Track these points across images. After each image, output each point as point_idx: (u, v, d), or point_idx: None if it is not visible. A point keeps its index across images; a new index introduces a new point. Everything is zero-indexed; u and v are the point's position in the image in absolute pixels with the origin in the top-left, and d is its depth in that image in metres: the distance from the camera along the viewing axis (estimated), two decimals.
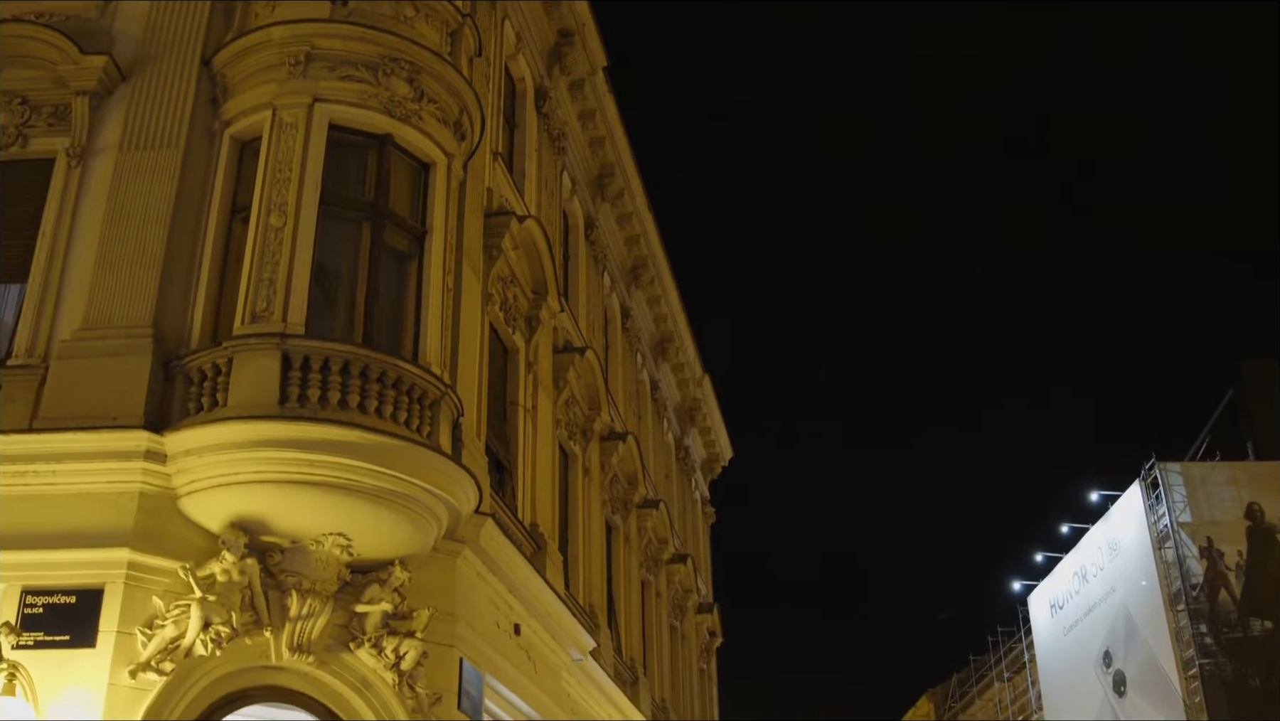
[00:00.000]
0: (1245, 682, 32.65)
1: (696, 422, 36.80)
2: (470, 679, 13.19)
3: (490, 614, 14.35)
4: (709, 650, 36.11)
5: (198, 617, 11.04)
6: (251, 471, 11.28)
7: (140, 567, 11.15)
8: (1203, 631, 33.26)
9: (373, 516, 11.77)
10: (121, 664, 10.84)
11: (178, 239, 12.60)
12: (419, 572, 12.45)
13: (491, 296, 16.37)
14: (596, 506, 22.19)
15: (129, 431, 11.45)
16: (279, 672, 11.75)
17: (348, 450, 11.41)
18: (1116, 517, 37.87)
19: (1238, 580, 33.75)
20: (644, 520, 26.65)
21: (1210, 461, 36.12)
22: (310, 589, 11.63)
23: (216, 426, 11.33)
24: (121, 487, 11.38)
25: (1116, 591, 37.68)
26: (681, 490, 34.63)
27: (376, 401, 11.77)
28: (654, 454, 29.85)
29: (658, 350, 32.04)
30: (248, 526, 11.42)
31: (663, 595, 28.91)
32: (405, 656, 12.13)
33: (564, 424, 20.16)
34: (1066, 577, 42.12)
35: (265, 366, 11.49)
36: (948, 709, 63.49)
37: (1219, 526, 34.44)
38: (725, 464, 41.00)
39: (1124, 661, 37.22)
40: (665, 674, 28.18)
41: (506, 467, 16.73)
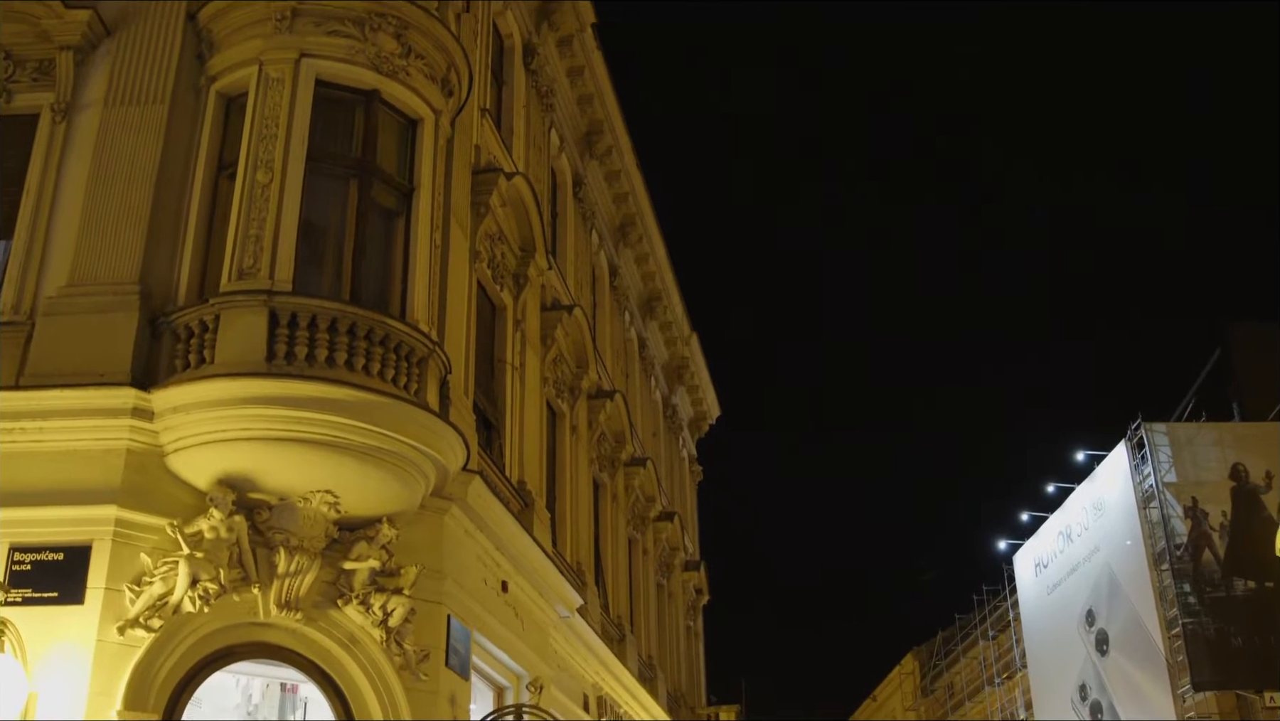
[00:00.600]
0: (1228, 641, 32.86)
1: (684, 381, 36.86)
2: (458, 635, 13.24)
3: (478, 571, 14.40)
4: (695, 607, 36.30)
5: (185, 574, 11.05)
6: (239, 429, 11.26)
7: (128, 525, 11.16)
8: (1186, 591, 33.44)
9: (360, 474, 11.78)
10: (110, 620, 10.86)
11: (164, 195, 12.53)
12: (407, 530, 12.48)
13: (479, 254, 16.33)
14: (584, 464, 22.23)
15: (116, 389, 11.42)
16: (267, 629, 11.78)
17: (335, 407, 11.39)
18: (1102, 477, 38.00)
19: (1222, 540, 33.91)
20: (631, 478, 26.72)
21: (1196, 422, 36.22)
22: (298, 546, 11.65)
23: (204, 384, 11.30)
24: (109, 445, 11.37)
25: (1100, 551, 37.86)
26: (669, 448, 34.72)
27: (364, 359, 11.74)
28: (641, 412, 29.90)
29: (645, 308, 32.04)
30: (235, 483, 11.42)
31: (650, 552, 29.02)
32: (393, 613, 12.16)
33: (552, 382, 20.17)
34: (1051, 537, 42.30)
35: (252, 323, 11.46)
36: (932, 666, 63.93)
37: (1204, 487, 34.58)
38: (713, 422, 41.10)
39: (1107, 620, 37.44)
40: (652, 631, 28.34)
41: (494, 425, 16.74)
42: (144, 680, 10.79)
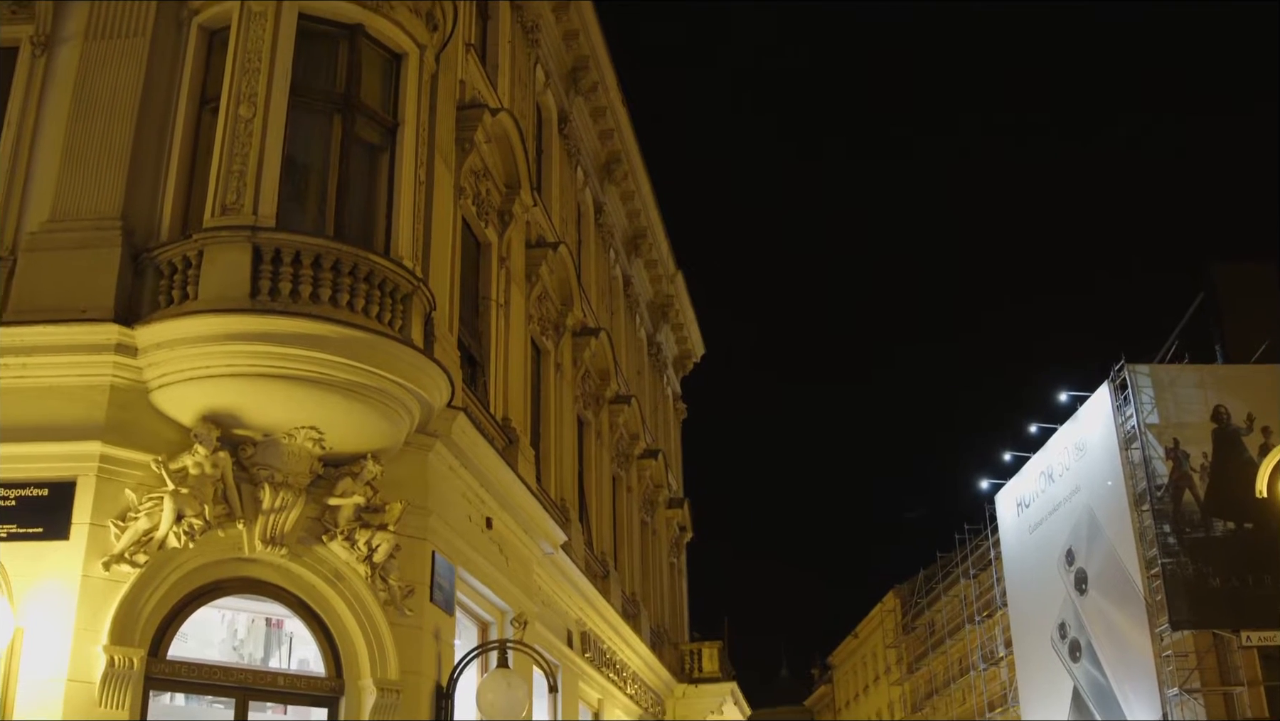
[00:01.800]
0: (1206, 582, 33.15)
1: (669, 319, 36.86)
2: (442, 571, 13.30)
3: (462, 507, 14.45)
4: (679, 544, 36.50)
5: (170, 510, 11.07)
6: (223, 365, 11.24)
7: (112, 460, 11.16)
8: (1166, 531, 33.69)
9: (345, 410, 11.77)
10: (95, 556, 10.89)
11: (146, 130, 12.42)
12: (391, 466, 12.50)
13: (464, 190, 16.26)
14: (568, 401, 22.27)
15: (99, 325, 11.38)
16: (252, 564, 11.83)
17: (319, 344, 11.37)
18: (1084, 418, 38.16)
19: (1202, 481, 34.12)
20: (616, 415, 26.79)
21: (1179, 364, 36.34)
22: (283, 482, 11.67)
23: (187, 320, 11.26)
24: (92, 381, 11.35)
25: (1082, 491, 38.09)
26: (653, 386, 34.78)
27: (348, 295, 11.70)
28: (626, 350, 29.92)
29: (630, 246, 31.98)
30: (220, 419, 11.41)
31: (634, 490, 29.14)
32: (377, 549, 12.21)
33: (536, 319, 20.16)
34: (1033, 477, 42.52)
35: (236, 259, 11.40)
36: (914, 604, 64.46)
37: (1185, 428, 34.75)
38: (697, 360, 41.15)
39: (1086, 560, 37.73)
40: (635, 568, 28.51)
41: (478, 362, 16.74)
42: (130, 614, 10.84)
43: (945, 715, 57.57)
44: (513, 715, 13.25)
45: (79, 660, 10.56)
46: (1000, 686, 48.81)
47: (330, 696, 12.10)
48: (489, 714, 13.19)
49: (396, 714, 12.09)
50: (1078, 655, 38.31)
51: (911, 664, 65.03)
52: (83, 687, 10.51)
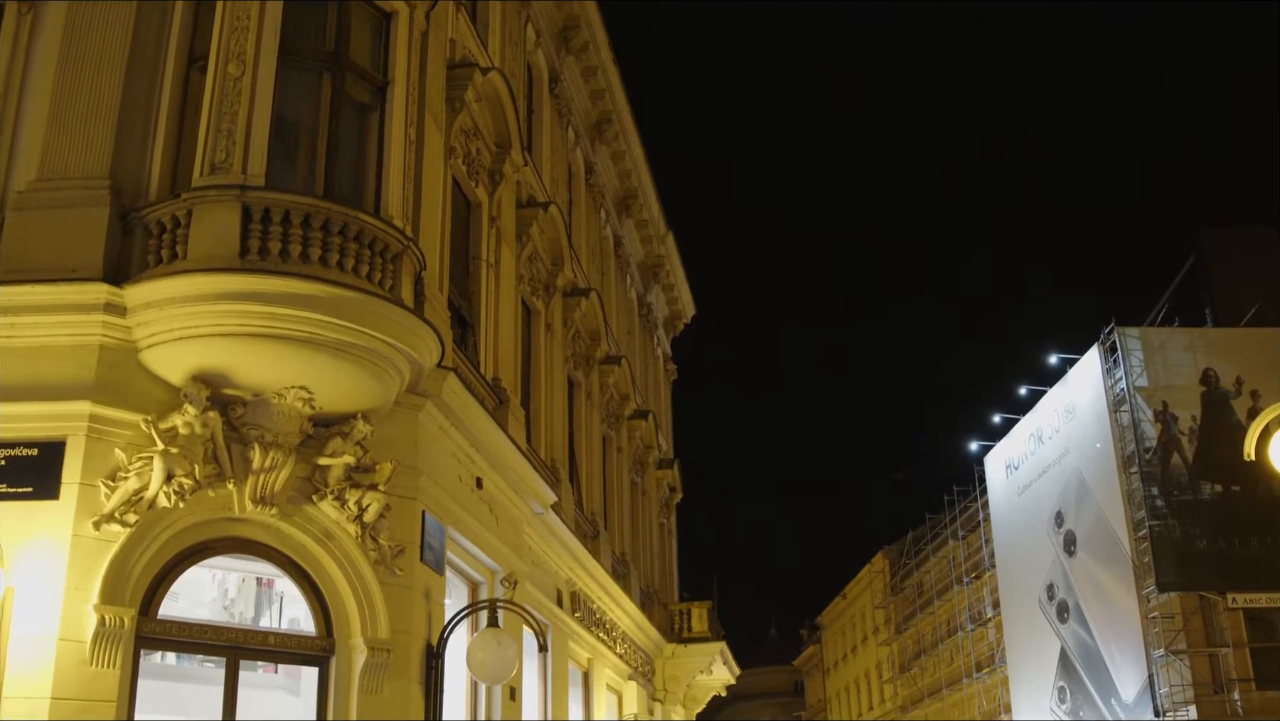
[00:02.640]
0: (1193, 544, 33.38)
1: (660, 279, 36.81)
2: (432, 531, 13.32)
3: (452, 467, 14.45)
4: (669, 505, 36.59)
5: (160, 470, 11.06)
6: (212, 324, 11.21)
7: (101, 420, 11.14)
8: (1154, 494, 33.88)
9: (334, 370, 11.75)
10: (85, 515, 10.89)
11: (134, 88, 12.31)
12: (381, 426, 12.50)
13: (454, 150, 16.19)
14: (559, 362, 22.26)
15: (88, 284, 11.32)
16: (242, 524, 11.83)
17: (309, 303, 11.33)
18: (1074, 381, 38.29)
19: (1190, 444, 34.30)
20: (606, 376, 26.79)
21: (1168, 327, 36.46)
22: (273, 441, 11.65)
23: (176, 279, 11.22)
24: (81, 340, 11.31)
25: (1071, 453, 38.26)
26: (644, 346, 34.77)
27: (338, 255, 11.65)
28: (616, 310, 29.89)
29: (621, 206, 31.90)
30: (209, 379, 11.39)
31: (624, 450, 29.18)
32: (368, 509, 12.22)
33: (527, 279, 20.12)
34: (1022, 439, 42.69)
35: (225, 219, 11.35)
36: (902, 565, 64.77)
37: (1174, 391, 34.90)
38: (688, 321, 41.12)
39: (1075, 521, 37.94)
40: (625, 528, 28.58)
41: (469, 322, 16.71)
42: (120, 574, 10.84)
43: (933, 675, 57.95)
44: (502, 674, 13.32)
45: (70, 619, 10.57)
46: (988, 647, 49.17)
47: (321, 655, 12.14)
48: (479, 673, 13.24)
49: (387, 673, 12.13)
50: (1065, 616, 38.58)
51: (900, 624, 65.41)
52: (74, 646, 10.53)
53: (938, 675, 57.14)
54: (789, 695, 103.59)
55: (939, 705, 56.91)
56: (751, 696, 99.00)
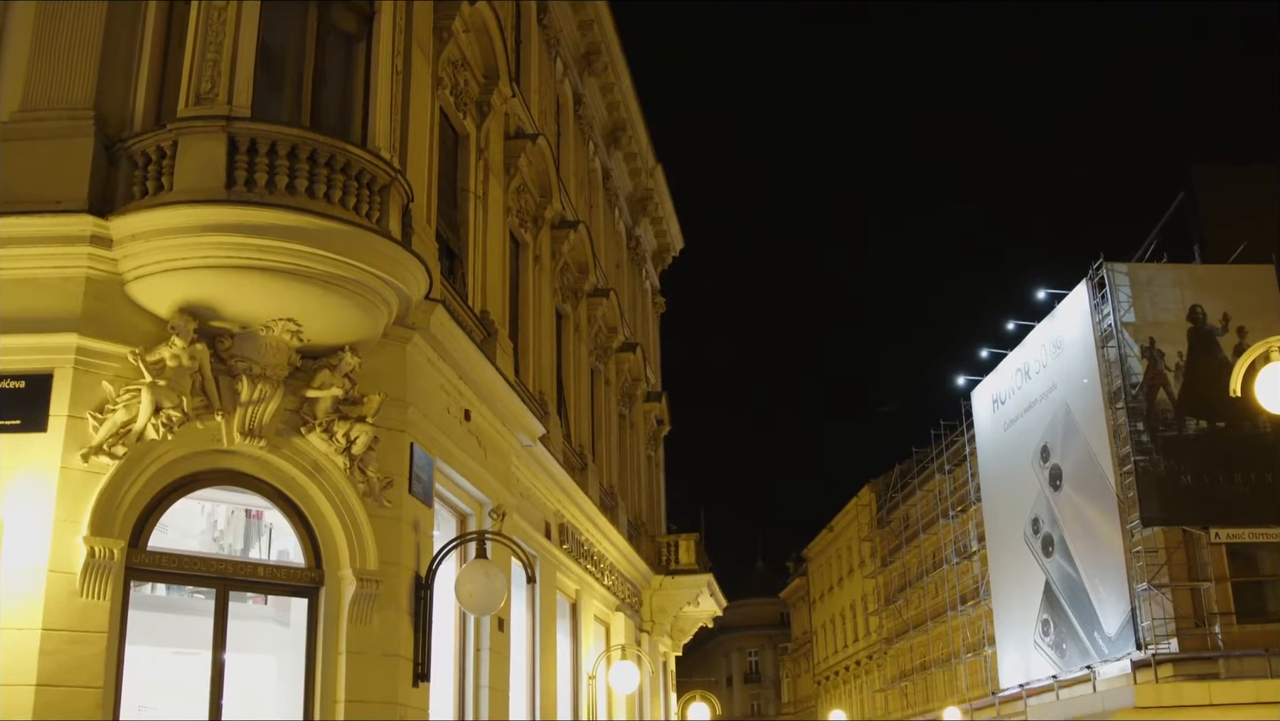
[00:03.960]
0: (1177, 479, 33.60)
1: (648, 212, 36.69)
2: (421, 463, 13.35)
3: (440, 399, 14.46)
4: (656, 438, 36.68)
5: (148, 402, 11.05)
6: (199, 256, 11.15)
7: (89, 353, 11.11)
8: (1139, 429, 34.05)
9: (322, 302, 11.72)
10: (73, 447, 10.89)
11: (118, 17, 12.13)
12: (369, 358, 12.49)
13: (442, 80, 16.06)
14: (547, 294, 22.22)
15: (73, 216, 11.24)
16: (231, 456, 11.85)
17: (296, 235, 11.28)
18: (1062, 316, 38.34)
19: (1176, 380, 34.44)
20: (594, 309, 26.76)
21: (1157, 263, 36.48)
22: (261, 374, 11.64)
23: (162, 211, 11.15)
24: (68, 273, 11.25)
25: (1058, 388, 38.38)
26: (632, 279, 34.72)
27: (325, 186, 11.59)
28: (605, 243, 29.82)
29: (610, 139, 31.72)
30: (197, 311, 11.35)
31: (612, 383, 29.21)
32: (356, 441, 12.24)
33: (515, 211, 20.04)
34: (1010, 374, 42.80)
35: (211, 150, 11.26)
36: (888, 499, 65.14)
37: (1161, 327, 34.99)
38: (676, 254, 41.04)
39: (1061, 456, 38.13)
40: (613, 460, 28.67)
41: (457, 254, 16.66)
42: (109, 506, 10.87)
43: (918, 607, 58.46)
44: (491, 605, 13.39)
45: (59, 551, 10.61)
46: (973, 580, 49.57)
47: (310, 586, 12.21)
48: (468, 604, 13.31)
49: (376, 604, 12.20)
50: (1050, 550, 38.87)
51: (885, 557, 65.89)
52: (64, 578, 10.57)
53: (923, 607, 57.65)
54: (775, 627, 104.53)
55: (923, 637, 57.45)
56: (738, 628, 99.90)
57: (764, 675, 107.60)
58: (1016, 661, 42.06)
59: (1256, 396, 10.84)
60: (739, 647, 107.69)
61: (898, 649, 63.52)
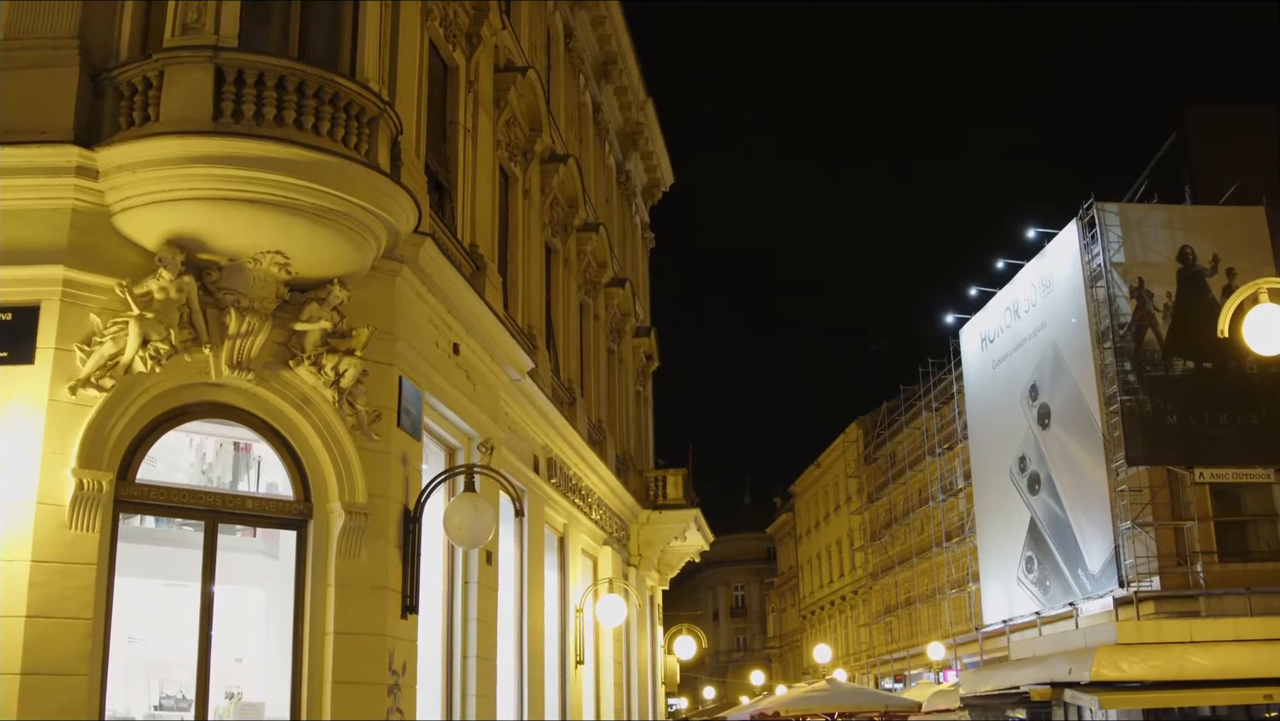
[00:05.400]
0: (1163, 419, 33.73)
1: (639, 147, 36.51)
2: (409, 397, 13.36)
3: (429, 333, 14.44)
4: (645, 373, 36.72)
5: (136, 334, 11.02)
6: (186, 188, 11.07)
7: (76, 285, 11.06)
8: (1127, 369, 34.13)
9: (310, 234, 11.66)
10: (61, 380, 10.87)
11: None
12: (358, 292, 12.45)
13: (431, 11, 15.90)
14: (536, 229, 22.15)
15: (58, 146, 11.14)
16: (219, 389, 11.84)
17: (284, 167, 11.20)
18: (1051, 255, 38.30)
19: (1164, 321, 34.48)
20: (583, 243, 26.69)
21: (1147, 204, 36.40)
22: (249, 307, 11.60)
23: (149, 142, 11.05)
24: (54, 204, 11.16)
25: (1047, 327, 38.41)
26: (621, 214, 34.61)
27: (313, 118, 11.50)
28: (595, 177, 29.69)
29: (600, 72, 31.48)
30: (184, 244, 11.29)
31: (600, 318, 29.19)
32: (345, 374, 12.22)
33: (504, 145, 19.93)
34: (999, 312, 42.79)
35: (198, 80, 11.15)
36: (876, 435, 65.40)
37: (1151, 268, 34.98)
38: (666, 189, 40.88)
39: (1049, 395, 38.23)
40: (602, 395, 28.70)
41: (446, 188, 16.58)
42: (97, 438, 10.87)
43: (903, 544, 58.88)
44: (479, 538, 13.46)
45: (48, 483, 10.62)
46: (958, 517, 49.90)
47: (299, 519, 12.25)
48: (456, 537, 13.38)
49: (365, 536, 12.25)
50: (1036, 488, 39.08)
51: (872, 494, 66.27)
52: (52, 510, 10.59)
53: (908, 544, 58.06)
54: (761, 561, 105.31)
55: (908, 573, 57.91)
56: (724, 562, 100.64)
57: (750, 609, 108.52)
58: (1000, 597, 42.40)
59: (1244, 338, 10.87)
60: (725, 582, 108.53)
61: (883, 584, 64.02)
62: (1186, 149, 37.86)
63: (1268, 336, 10.72)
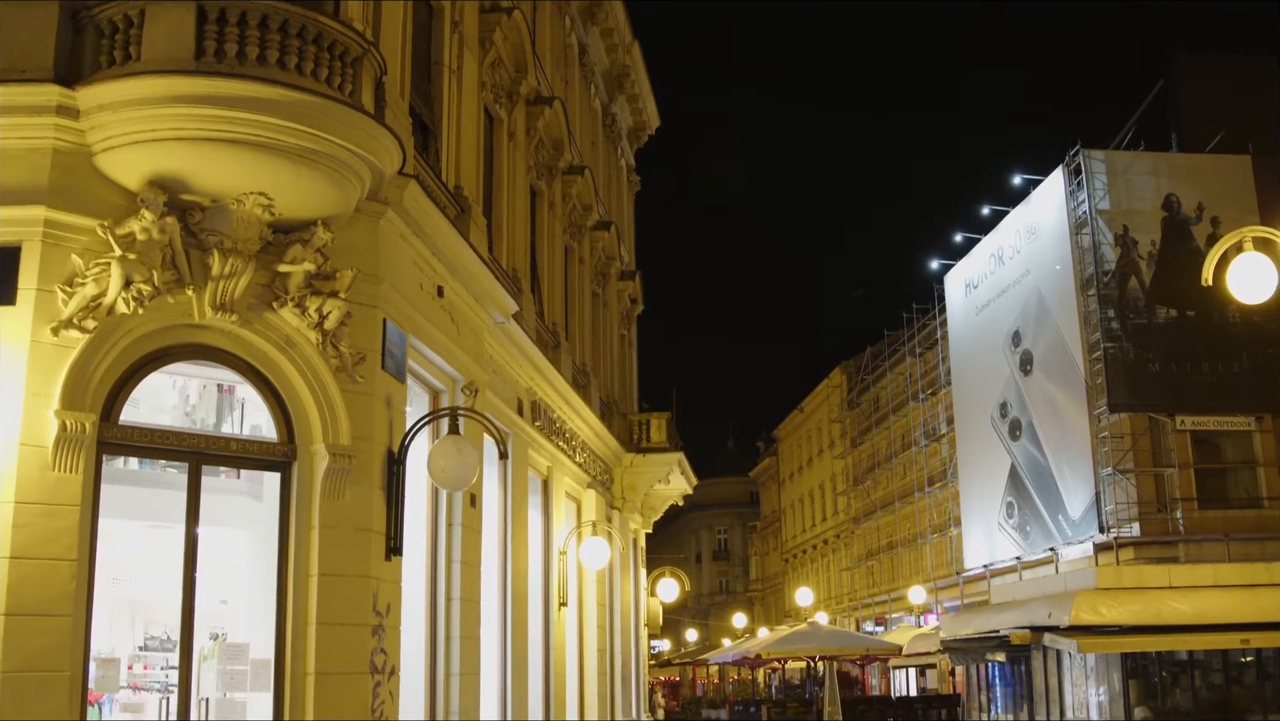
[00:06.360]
0: (1146, 367, 33.88)
1: (624, 90, 36.30)
2: (394, 339, 13.34)
3: (413, 275, 14.40)
4: (630, 317, 36.72)
5: (118, 275, 10.96)
6: (168, 128, 10.97)
7: (57, 225, 10.96)
8: (1110, 316, 34.24)
9: (294, 175, 11.58)
10: (43, 321, 10.81)
11: None
12: (342, 234, 12.39)
13: None
14: (521, 171, 22.05)
15: (38, 85, 11.00)
16: (202, 331, 11.79)
17: (267, 107, 11.10)
18: (1037, 202, 38.29)
19: (1149, 269, 34.56)
20: (569, 186, 26.60)
21: (1134, 151, 36.36)
22: (232, 248, 11.54)
23: (130, 81, 10.94)
24: (34, 144, 11.04)
25: (1031, 274, 38.47)
26: (607, 157, 34.48)
27: (296, 58, 11.38)
28: (580, 120, 29.54)
29: (586, 14, 31.25)
30: (166, 184, 11.20)
31: (585, 261, 29.14)
32: (328, 316, 12.18)
33: (489, 86, 19.79)
34: (983, 258, 42.82)
35: (180, 19, 11.01)
36: (859, 380, 65.56)
37: (1136, 215, 35.01)
38: (652, 132, 40.71)
39: (1032, 341, 38.34)
40: (586, 338, 28.70)
41: (430, 130, 16.48)
42: (80, 380, 10.83)
43: (886, 488, 59.17)
44: (463, 481, 13.48)
45: (31, 424, 10.58)
46: (940, 462, 50.15)
47: (283, 461, 12.25)
48: (440, 479, 13.40)
49: (349, 478, 12.27)
50: (1018, 434, 39.26)
51: (855, 438, 66.52)
52: (35, 452, 10.56)
53: (890, 488, 58.37)
54: (744, 505, 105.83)
55: (891, 518, 58.25)
56: (708, 506, 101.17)
57: (732, 552, 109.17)
58: (981, 542, 42.71)
59: (1228, 286, 10.90)
60: (708, 525, 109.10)
61: (865, 529, 64.41)
62: (1174, 96, 37.78)
63: (1251, 285, 10.76)
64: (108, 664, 11.68)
